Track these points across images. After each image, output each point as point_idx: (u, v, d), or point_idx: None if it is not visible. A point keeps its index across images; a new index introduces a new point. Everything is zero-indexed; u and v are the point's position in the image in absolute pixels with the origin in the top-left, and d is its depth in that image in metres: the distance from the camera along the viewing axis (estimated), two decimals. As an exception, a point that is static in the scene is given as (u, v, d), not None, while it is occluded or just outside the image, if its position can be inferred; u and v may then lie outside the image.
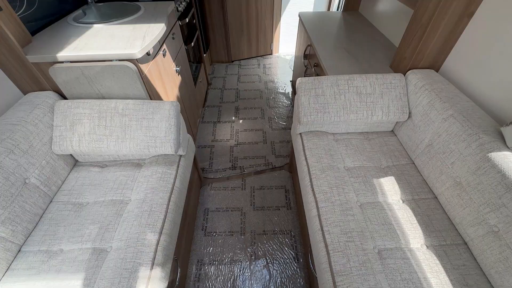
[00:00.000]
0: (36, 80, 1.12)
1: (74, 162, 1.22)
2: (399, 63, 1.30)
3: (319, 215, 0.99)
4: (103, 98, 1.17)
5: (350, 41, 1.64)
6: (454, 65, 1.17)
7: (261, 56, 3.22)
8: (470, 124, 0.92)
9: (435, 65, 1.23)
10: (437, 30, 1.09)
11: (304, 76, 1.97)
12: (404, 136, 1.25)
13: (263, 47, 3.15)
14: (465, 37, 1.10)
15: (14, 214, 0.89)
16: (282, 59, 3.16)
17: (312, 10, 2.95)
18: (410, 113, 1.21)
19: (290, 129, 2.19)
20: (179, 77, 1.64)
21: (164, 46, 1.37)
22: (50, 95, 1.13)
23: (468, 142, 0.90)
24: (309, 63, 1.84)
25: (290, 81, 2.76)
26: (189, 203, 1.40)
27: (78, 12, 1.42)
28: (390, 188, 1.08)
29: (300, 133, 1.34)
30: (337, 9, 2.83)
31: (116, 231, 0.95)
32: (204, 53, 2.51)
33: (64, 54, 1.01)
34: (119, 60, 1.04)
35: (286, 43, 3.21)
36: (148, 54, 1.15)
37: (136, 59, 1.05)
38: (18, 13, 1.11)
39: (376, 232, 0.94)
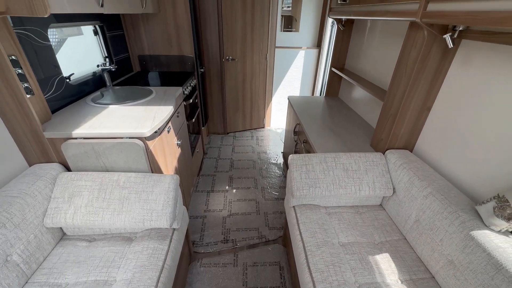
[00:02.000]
0: (46, 153, 1.19)
1: (61, 235, 1.18)
2: (378, 144, 1.48)
3: (317, 299, 0.94)
4: (107, 171, 1.23)
5: (333, 121, 1.88)
6: (424, 147, 1.35)
7: (254, 129, 3.52)
8: (449, 202, 1.00)
9: (409, 146, 1.41)
10: (404, 119, 1.30)
11: (295, 150, 2.15)
12: (392, 210, 1.31)
13: (256, 121, 3.48)
14: (428, 125, 1.31)
15: (-16, 299, 0.81)
16: (274, 132, 3.45)
17: (298, 93, 3.42)
18: (394, 188, 1.30)
19: (282, 199, 2.22)
20: (179, 150, 1.76)
21: (170, 124, 1.52)
22: (55, 167, 1.18)
23: (451, 220, 0.96)
24: (299, 139, 2.03)
25: (281, 152, 2.94)
26: (177, 283, 1.29)
27: (97, 93, 1.63)
28: (386, 267, 1.06)
29: (294, 206, 1.38)
30: (320, 94, 3.30)
31: (95, 320, 0.85)
32: (203, 126, 2.74)
33: (79, 131, 1.12)
34: (130, 137, 1.15)
35: (277, 118, 3.57)
36: (155, 132, 1.28)
37: (145, 137, 1.17)
38: (46, 96, 1.27)
39: (379, 320, 0.88)
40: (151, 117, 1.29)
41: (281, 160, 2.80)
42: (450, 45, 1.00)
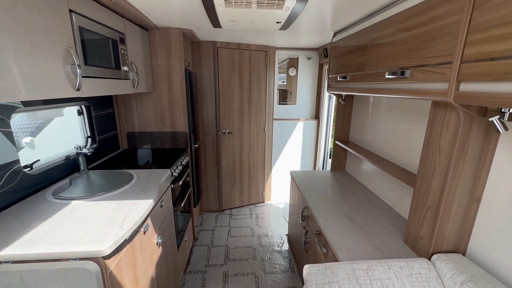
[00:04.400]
0: (-46, 283, 0.82)
1: None
2: (416, 243, 1.14)
3: None
4: (39, 309, 0.83)
5: (348, 204, 1.57)
6: (481, 250, 1.01)
7: (253, 204, 3.15)
8: None
9: (460, 249, 1.07)
10: (449, 214, 1.01)
11: (304, 241, 1.75)
12: None
13: (255, 195, 3.15)
14: (480, 220, 1.02)
15: None
16: (275, 208, 3.07)
17: (299, 164, 3.21)
18: (460, 319, 0.90)
19: (293, 307, 1.70)
20: (159, 249, 1.37)
21: (148, 221, 1.20)
22: (-39, 306, 0.80)
23: None
24: (309, 227, 1.68)
25: (286, 234, 2.52)
26: None
27: (65, 181, 1.35)
28: None
29: None
30: (323, 166, 3.10)
31: None
32: (194, 207, 2.39)
33: (8, 252, 0.79)
34: (80, 258, 0.81)
35: (277, 191, 3.26)
36: (125, 240, 0.94)
37: (103, 256, 0.83)
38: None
39: None
40: (121, 218, 0.98)
41: (286, 246, 2.34)
42: (501, 130, 0.80)
